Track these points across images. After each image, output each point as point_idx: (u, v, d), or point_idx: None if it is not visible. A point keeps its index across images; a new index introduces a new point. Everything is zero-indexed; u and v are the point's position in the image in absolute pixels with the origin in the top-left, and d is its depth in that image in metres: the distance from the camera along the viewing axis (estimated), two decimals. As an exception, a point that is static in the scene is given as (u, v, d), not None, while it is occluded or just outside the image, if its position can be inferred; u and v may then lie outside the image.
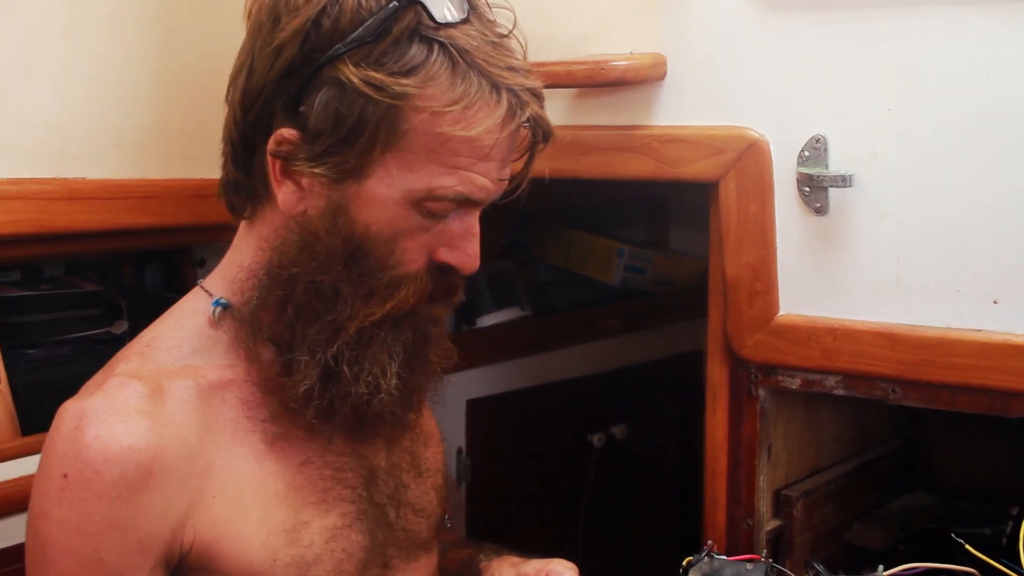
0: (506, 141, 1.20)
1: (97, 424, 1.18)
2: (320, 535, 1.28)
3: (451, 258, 1.25)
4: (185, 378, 1.26)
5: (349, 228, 1.21)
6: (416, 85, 1.15)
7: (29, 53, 1.62)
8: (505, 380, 2.43)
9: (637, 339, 2.71)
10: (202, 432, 1.24)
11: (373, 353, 1.24)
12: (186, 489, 1.22)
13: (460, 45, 1.16)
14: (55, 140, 1.66)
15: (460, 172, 1.19)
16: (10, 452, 1.61)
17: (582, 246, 2.72)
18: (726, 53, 1.53)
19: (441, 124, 1.16)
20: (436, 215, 1.22)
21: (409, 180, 1.19)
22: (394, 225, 1.21)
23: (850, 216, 1.48)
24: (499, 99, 1.18)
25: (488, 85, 1.17)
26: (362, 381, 1.24)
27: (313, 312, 1.23)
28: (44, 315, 1.78)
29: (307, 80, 1.18)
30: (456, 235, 1.24)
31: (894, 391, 1.50)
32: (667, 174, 1.59)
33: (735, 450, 1.64)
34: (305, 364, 1.24)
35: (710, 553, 1.46)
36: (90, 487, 1.17)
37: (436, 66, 1.16)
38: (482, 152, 1.19)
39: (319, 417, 1.26)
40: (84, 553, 1.18)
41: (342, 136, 1.17)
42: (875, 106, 1.44)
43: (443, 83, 1.16)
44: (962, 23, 1.38)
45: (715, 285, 1.62)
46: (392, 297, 1.23)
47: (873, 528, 1.78)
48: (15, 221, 1.62)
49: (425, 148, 1.18)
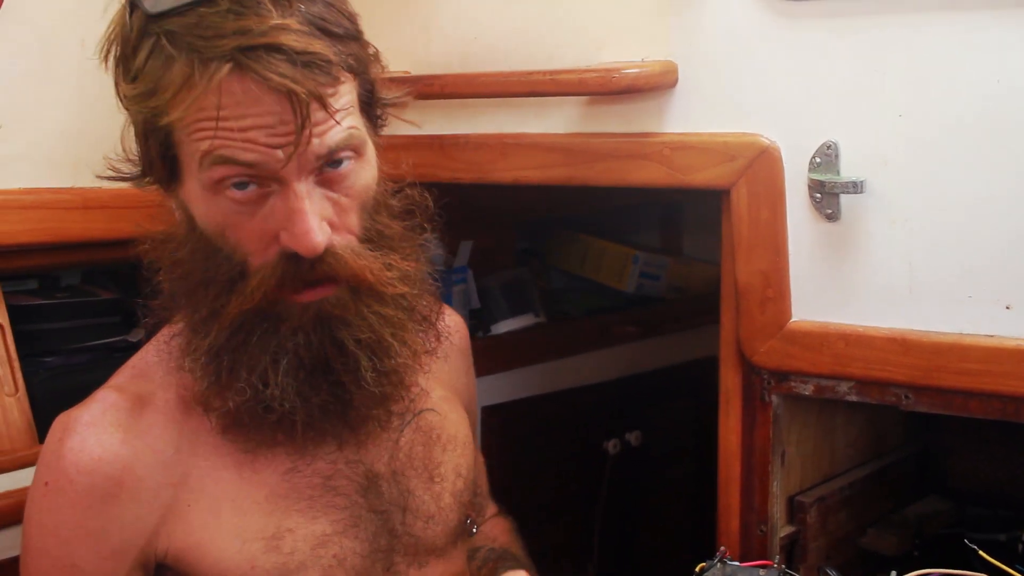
0: (246, 106, 1.13)
1: (74, 436, 1.23)
2: (306, 542, 1.28)
3: (287, 239, 1.19)
4: (167, 391, 1.30)
5: (194, 228, 1.23)
6: (138, 86, 1.17)
7: (45, 63, 1.63)
8: (520, 387, 2.43)
9: (652, 345, 2.71)
10: (180, 443, 1.27)
11: (248, 356, 1.22)
12: (159, 499, 1.25)
13: (171, 30, 1.14)
14: (71, 149, 1.67)
15: (210, 139, 1.15)
16: (28, 459, 1.62)
17: (596, 253, 2.72)
18: (737, 60, 1.54)
19: (175, 110, 1.15)
20: (241, 200, 1.18)
21: (195, 167, 1.18)
22: (213, 216, 1.21)
23: (862, 222, 1.48)
24: (205, 68, 1.12)
25: (198, 60, 1.12)
26: (240, 387, 1.22)
27: (192, 311, 1.25)
28: (61, 323, 1.79)
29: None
30: (283, 215, 1.18)
31: (907, 397, 1.50)
32: (678, 181, 1.59)
33: (748, 456, 1.64)
34: (192, 368, 1.26)
35: (723, 559, 1.46)
36: (64, 495, 1.23)
37: (150, 61, 1.16)
38: (211, 123, 1.14)
39: (222, 420, 1.27)
40: (58, 557, 1.23)
41: (144, 152, 1.23)
42: (886, 112, 1.44)
43: (158, 75, 1.15)
44: (973, 29, 1.38)
45: (727, 292, 1.62)
46: (239, 292, 1.21)
47: (887, 534, 1.77)
48: (32, 230, 1.63)
49: (184, 134, 1.18)
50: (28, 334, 1.72)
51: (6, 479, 1.59)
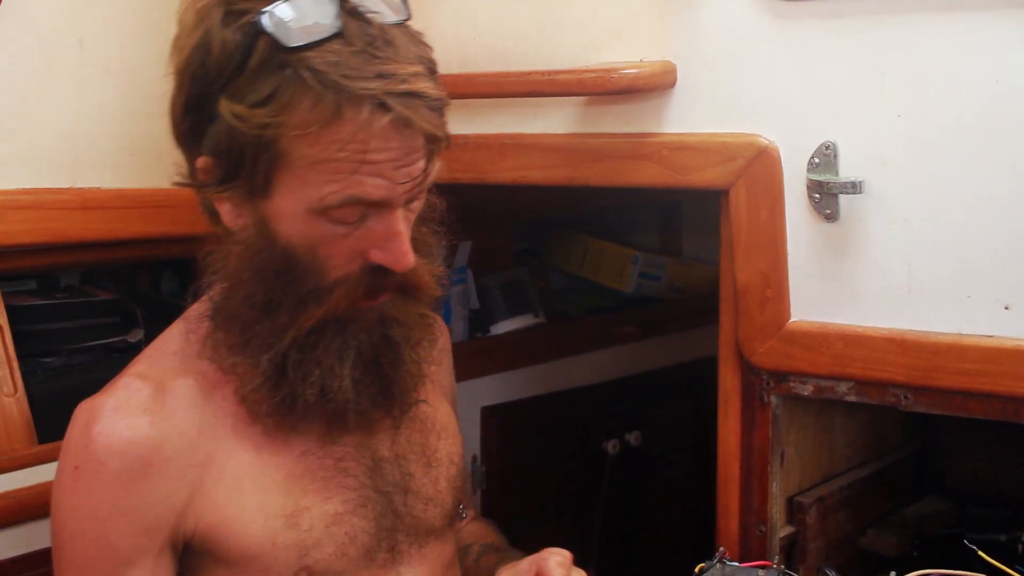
0: (385, 143, 1.22)
1: (103, 420, 1.29)
2: (320, 520, 1.35)
3: (381, 259, 1.28)
4: (188, 377, 1.35)
5: (273, 241, 1.28)
6: (270, 114, 1.20)
7: (44, 63, 1.63)
8: (519, 387, 2.44)
9: (651, 346, 2.71)
10: (202, 426, 1.33)
11: (319, 356, 1.30)
12: (186, 478, 1.31)
13: (313, 66, 1.19)
14: (70, 150, 1.67)
15: (346, 178, 1.22)
16: (27, 459, 1.62)
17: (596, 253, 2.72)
18: (736, 60, 1.54)
19: (307, 145, 1.21)
20: (346, 221, 1.26)
21: (305, 194, 1.24)
22: (308, 236, 1.27)
23: (860, 222, 1.48)
24: (359, 109, 1.19)
25: (346, 98, 1.19)
26: (308, 383, 1.31)
27: (250, 321, 1.31)
28: (60, 324, 1.79)
29: (209, 112, 1.25)
30: (381, 236, 1.27)
31: (906, 397, 1.50)
32: (677, 181, 1.59)
33: (747, 457, 1.64)
34: (250, 367, 1.32)
35: (722, 560, 1.46)
36: (97, 477, 1.28)
37: (289, 92, 1.20)
38: (357, 159, 1.21)
39: (272, 415, 1.33)
40: (95, 538, 1.29)
41: (233, 163, 1.25)
42: (885, 112, 1.44)
43: (298, 107, 1.20)
44: (972, 30, 1.38)
45: (726, 292, 1.62)
46: (324, 302, 1.28)
47: (887, 534, 1.77)
48: (31, 231, 1.63)
49: (308, 162, 1.22)
50: (27, 334, 1.72)
51: (5, 479, 1.59)
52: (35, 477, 1.62)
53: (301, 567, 1.34)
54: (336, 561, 1.35)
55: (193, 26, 1.26)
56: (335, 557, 1.35)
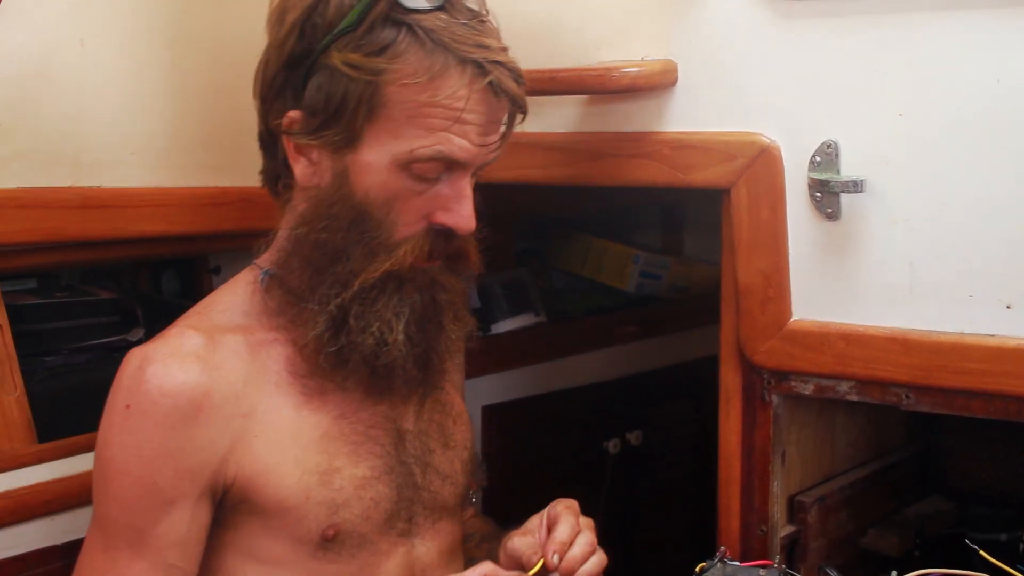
0: (478, 106, 1.35)
1: (156, 363, 1.35)
2: (350, 482, 1.42)
3: (447, 219, 1.39)
4: (236, 334, 1.42)
5: (351, 194, 1.37)
6: (386, 61, 1.33)
7: (45, 62, 1.63)
8: (520, 386, 2.43)
9: (652, 345, 2.71)
10: (248, 380, 1.40)
11: (379, 310, 1.38)
12: (231, 427, 1.38)
13: (427, 26, 1.33)
14: (70, 149, 1.67)
15: (437, 133, 1.34)
16: (27, 459, 1.62)
17: (597, 253, 2.72)
18: (737, 59, 1.54)
19: (413, 93, 1.33)
20: (425, 178, 1.37)
21: (394, 145, 1.35)
22: (388, 189, 1.37)
23: (862, 221, 1.48)
24: (463, 69, 1.33)
25: (453, 58, 1.33)
26: (368, 333, 1.38)
27: (321, 267, 1.39)
28: (60, 323, 1.79)
29: (308, 68, 1.36)
30: (449, 198, 1.38)
31: (908, 397, 1.50)
32: (678, 180, 1.59)
33: (748, 456, 1.64)
34: (315, 313, 1.39)
35: (723, 559, 1.46)
36: (148, 416, 1.34)
37: (404, 44, 1.33)
38: (454, 115, 1.34)
39: (330, 362, 1.40)
40: (140, 476, 1.35)
41: (332, 112, 1.35)
42: (886, 111, 1.44)
43: (411, 58, 1.33)
44: (973, 29, 1.38)
45: (727, 291, 1.62)
46: (391, 255, 1.37)
47: (888, 534, 1.77)
48: (31, 229, 1.63)
49: (403, 115, 1.34)
50: (27, 333, 1.72)
51: (5, 478, 1.59)
52: (35, 476, 1.62)
53: (330, 524, 1.40)
54: (361, 523, 1.42)
55: None
56: (361, 519, 1.42)
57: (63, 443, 1.66)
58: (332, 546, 1.41)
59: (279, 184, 1.47)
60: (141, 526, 1.35)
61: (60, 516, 1.64)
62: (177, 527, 1.36)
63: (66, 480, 1.65)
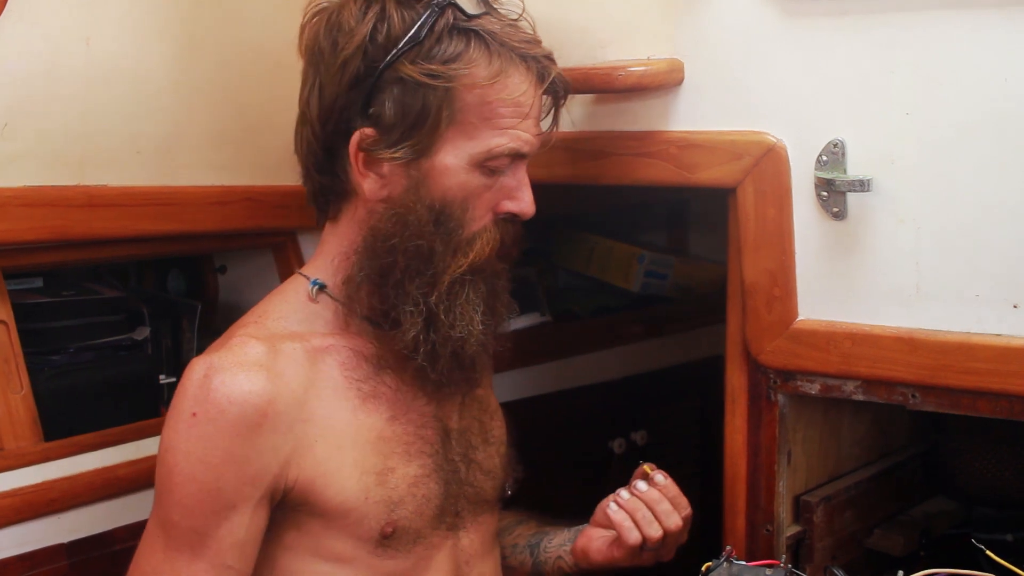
0: (539, 100, 1.47)
1: (223, 372, 1.40)
2: (404, 481, 1.49)
3: (513, 207, 1.49)
4: (294, 341, 1.48)
5: (430, 197, 1.45)
6: (462, 67, 1.42)
7: (51, 61, 1.63)
8: (525, 386, 2.43)
9: (658, 345, 2.70)
10: (307, 386, 1.45)
11: (461, 303, 1.47)
12: (293, 432, 1.43)
13: (489, 30, 1.43)
14: (76, 147, 1.67)
15: (509, 131, 1.45)
16: (33, 457, 1.62)
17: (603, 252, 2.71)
18: (743, 58, 1.53)
19: (487, 94, 1.43)
20: (495, 172, 1.46)
21: (471, 146, 1.44)
22: (465, 188, 1.46)
23: (869, 221, 1.48)
24: (527, 66, 1.45)
25: (517, 57, 1.44)
26: (457, 326, 1.47)
27: (416, 270, 1.45)
28: (66, 321, 1.79)
29: (372, 86, 1.43)
30: (512, 187, 1.49)
31: (914, 396, 1.50)
32: (685, 179, 1.59)
33: (754, 456, 1.64)
34: (410, 314, 1.46)
35: (729, 558, 1.46)
36: (215, 424, 1.38)
37: (474, 50, 1.42)
38: (523, 112, 1.45)
39: (426, 360, 1.47)
40: (205, 481, 1.39)
41: (411, 123, 1.43)
42: (893, 110, 1.44)
43: (482, 62, 1.42)
44: (980, 28, 1.38)
45: (733, 290, 1.62)
46: (472, 249, 1.47)
47: (894, 534, 1.77)
48: (37, 228, 1.63)
49: (478, 117, 1.44)
50: (33, 332, 1.72)
51: (12, 477, 1.59)
52: (41, 475, 1.63)
53: (388, 522, 1.47)
54: (415, 520, 1.49)
55: (358, 14, 1.43)
56: (415, 516, 1.49)
57: (69, 441, 1.67)
58: (390, 542, 1.48)
59: (326, 201, 1.53)
60: (203, 529, 1.39)
61: (66, 514, 1.65)
62: (236, 530, 1.40)
63: (72, 478, 1.65)
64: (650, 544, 1.53)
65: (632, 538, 1.53)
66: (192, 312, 1.97)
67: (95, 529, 1.68)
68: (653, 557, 1.57)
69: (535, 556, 1.71)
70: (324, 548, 1.47)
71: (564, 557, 1.68)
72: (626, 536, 1.53)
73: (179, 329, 1.99)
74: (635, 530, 1.53)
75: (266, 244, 1.95)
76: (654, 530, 1.52)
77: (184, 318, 1.98)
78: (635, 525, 1.53)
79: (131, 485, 1.70)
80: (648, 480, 1.57)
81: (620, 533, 1.54)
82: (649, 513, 1.54)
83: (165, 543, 1.40)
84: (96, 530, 1.69)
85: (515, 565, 1.73)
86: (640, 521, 1.53)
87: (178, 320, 1.98)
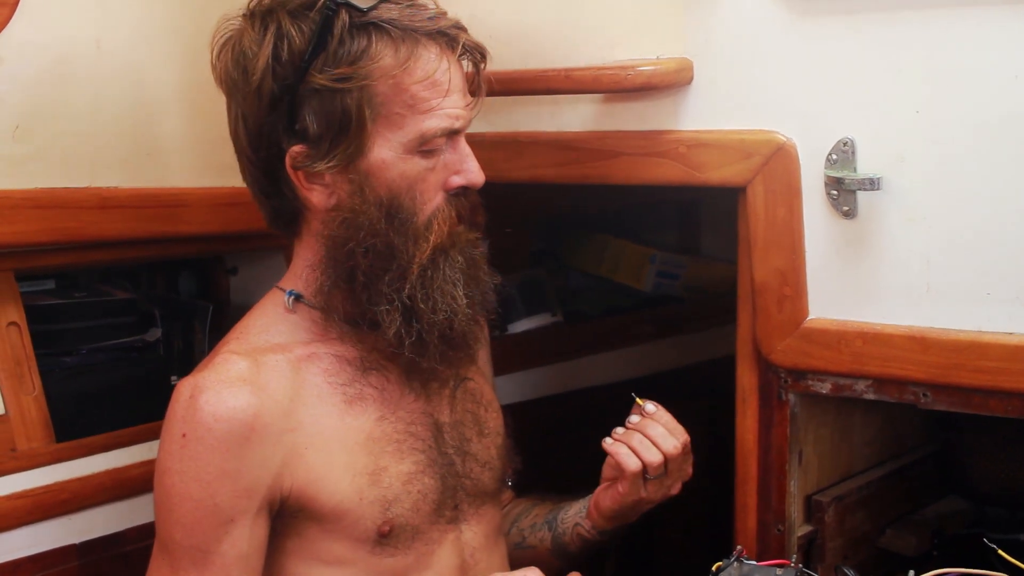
0: (456, 73, 1.46)
1: (208, 391, 1.41)
2: (397, 479, 1.50)
3: (460, 180, 1.49)
4: (276, 353, 1.49)
5: (375, 195, 1.45)
6: (370, 63, 1.41)
7: (61, 64, 1.63)
8: (536, 387, 2.43)
9: (669, 345, 2.69)
10: (292, 395, 1.47)
11: (439, 285, 1.47)
12: (282, 442, 1.45)
13: (387, 18, 1.42)
14: (88, 149, 1.68)
15: (436, 112, 1.44)
16: (46, 458, 1.63)
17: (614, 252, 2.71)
18: (753, 57, 1.53)
19: (402, 81, 1.42)
20: (434, 153, 1.46)
21: (401, 136, 1.44)
22: (407, 176, 1.46)
23: (879, 219, 1.47)
24: (436, 42, 1.44)
25: (422, 36, 1.43)
26: (439, 309, 1.47)
27: (380, 268, 1.45)
28: (78, 323, 1.80)
29: (290, 103, 1.43)
30: (456, 161, 1.49)
31: (925, 395, 1.49)
32: (694, 179, 1.59)
33: (765, 455, 1.64)
34: (387, 312, 1.46)
35: (740, 558, 1.46)
36: (204, 442, 1.40)
37: (377, 42, 1.42)
38: (442, 89, 1.44)
39: (414, 351, 1.48)
40: (201, 499, 1.41)
41: (336, 129, 1.43)
42: (903, 109, 1.44)
43: (388, 52, 1.42)
44: (990, 26, 1.37)
45: (744, 290, 1.62)
46: (431, 233, 1.46)
47: (906, 534, 1.77)
48: (49, 230, 1.64)
49: (401, 106, 1.43)
50: (45, 333, 1.73)
51: (24, 478, 1.60)
52: (53, 475, 1.63)
53: (384, 520, 1.48)
54: (412, 516, 1.51)
55: (257, 37, 1.44)
56: (411, 512, 1.50)
57: (81, 443, 1.67)
58: (389, 541, 1.49)
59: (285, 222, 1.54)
60: (205, 546, 1.41)
61: (77, 515, 1.65)
62: (238, 543, 1.42)
63: (83, 479, 1.66)
64: (651, 471, 1.56)
65: (631, 464, 1.56)
66: (203, 313, 1.97)
67: (106, 530, 1.69)
68: (659, 490, 1.60)
69: (554, 530, 1.72)
70: (325, 552, 1.49)
71: (581, 523, 1.69)
72: (625, 463, 1.57)
73: (191, 331, 1.99)
74: (633, 456, 1.56)
75: (277, 245, 1.95)
76: (652, 455, 1.56)
77: (196, 320, 1.98)
78: (633, 452, 1.56)
79: (142, 486, 1.70)
80: (641, 412, 1.60)
81: (619, 462, 1.57)
82: (645, 440, 1.58)
83: (171, 565, 1.43)
84: (107, 531, 1.69)
85: (535, 544, 1.73)
86: (637, 447, 1.57)
87: (190, 322, 1.98)
